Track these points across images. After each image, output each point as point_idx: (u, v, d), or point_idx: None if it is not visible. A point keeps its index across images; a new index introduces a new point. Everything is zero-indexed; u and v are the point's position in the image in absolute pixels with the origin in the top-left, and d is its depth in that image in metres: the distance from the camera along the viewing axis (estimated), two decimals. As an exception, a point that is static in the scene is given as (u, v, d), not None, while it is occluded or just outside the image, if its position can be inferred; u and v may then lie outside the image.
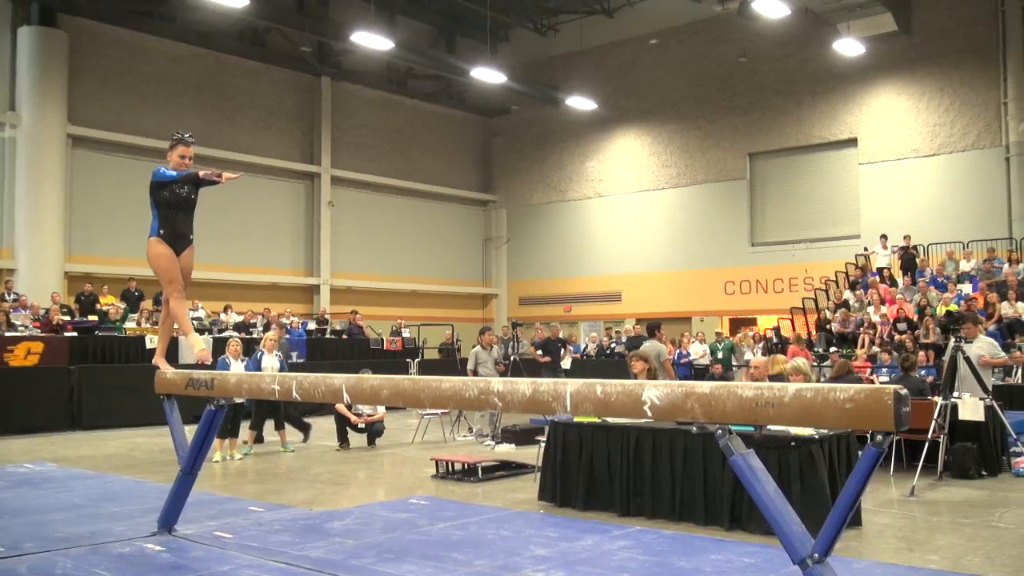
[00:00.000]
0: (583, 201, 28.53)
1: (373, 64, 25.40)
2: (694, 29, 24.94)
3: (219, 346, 13.58)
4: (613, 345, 21.64)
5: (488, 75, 23.78)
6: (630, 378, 8.40)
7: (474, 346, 13.30)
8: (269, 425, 12.12)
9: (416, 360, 20.41)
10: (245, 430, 11.73)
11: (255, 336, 17.64)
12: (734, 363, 19.13)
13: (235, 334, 16.99)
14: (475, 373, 12.53)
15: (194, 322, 19.15)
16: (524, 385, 4.26)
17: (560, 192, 29.09)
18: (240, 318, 20.11)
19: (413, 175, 27.94)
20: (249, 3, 19.34)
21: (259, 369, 10.92)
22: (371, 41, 21.31)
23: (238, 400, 7.88)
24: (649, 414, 3.86)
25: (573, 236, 28.52)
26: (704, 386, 3.79)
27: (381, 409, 12.31)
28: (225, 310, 20.41)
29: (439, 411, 12.59)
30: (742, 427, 5.08)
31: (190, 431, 6.22)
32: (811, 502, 6.38)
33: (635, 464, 7.41)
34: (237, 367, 10.76)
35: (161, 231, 5.95)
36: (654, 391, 3.83)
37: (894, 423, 3.24)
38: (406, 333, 22.28)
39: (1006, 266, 19.12)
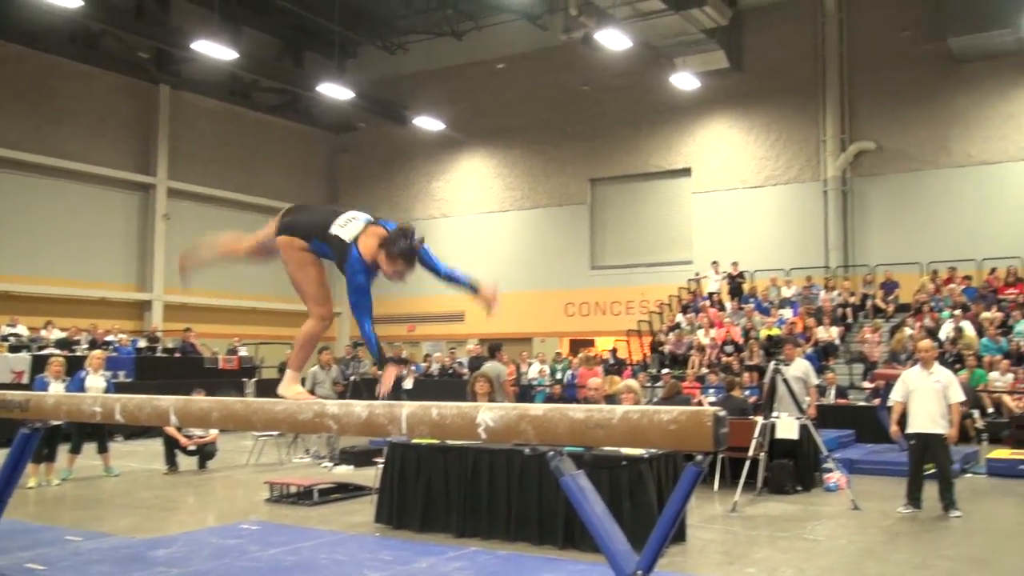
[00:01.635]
0: (428, 221, 28.53)
1: (216, 74, 24.62)
2: (540, 56, 25.48)
3: (39, 364, 12.78)
4: (455, 365, 21.71)
5: (335, 91, 23.50)
6: (468, 398, 8.47)
7: (312, 366, 13.06)
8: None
9: (253, 380, 19.82)
10: (64, 454, 11.07)
11: (79, 354, 16.69)
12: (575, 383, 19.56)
13: (56, 352, 16.03)
14: (312, 394, 12.27)
15: (11, 339, 17.99)
16: (359, 407, 4.23)
17: (406, 211, 29.00)
18: (63, 335, 18.98)
19: (256, 189, 27.19)
20: (83, 4, 18.38)
21: (82, 390, 10.33)
22: (214, 50, 20.65)
23: (55, 422, 7.44)
24: (484, 436, 3.91)
25: (418, 255, 28.46)
26: (537, 408, 3.88)
27: (213, 430, 11.88)
28: (46, 326, 19.23)
29: (275, 432, 12.27)
30: (574, 448, 5.22)
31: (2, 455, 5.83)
32: (641, 520, 6.60)
33: (472, 485, 7.46)
34: (57, 388, 10.15)
35: None
36: (488, 413, 3.88)
37: (713, 443, 3.41)
38: (243, 352, 21.62)
39: (823, 293, 20.45)
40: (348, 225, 4.42)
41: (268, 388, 18.68)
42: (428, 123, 26.45)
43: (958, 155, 20.86)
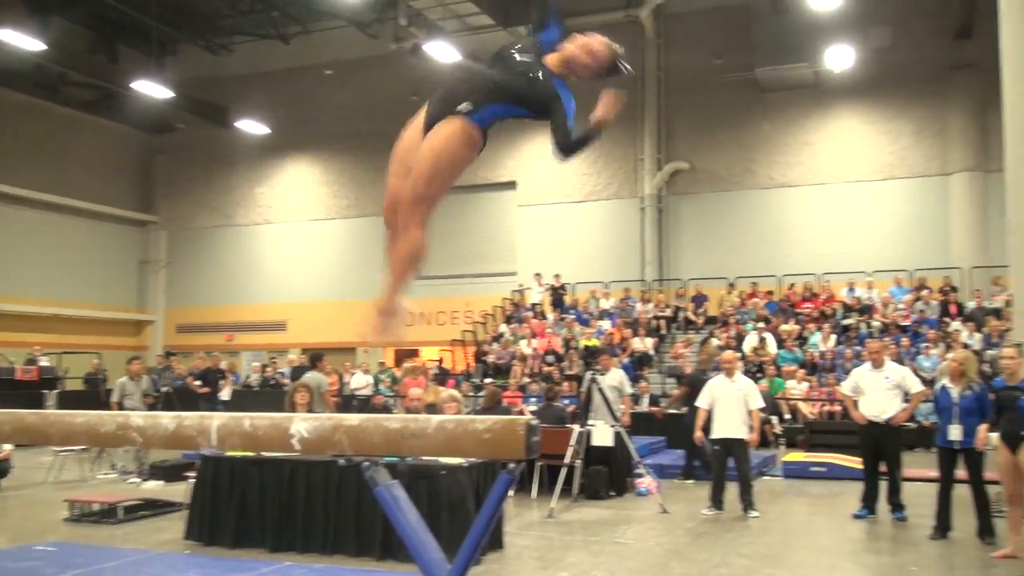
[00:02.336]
0: (251, 227, 27.76)
1: (20, 65, 22.99)
2: (369, 64, 25.30)
3: None
4: (277, 376, 21.17)
5: (152, 89, 22.48)
6: (287, 409, 8.31)
7: (121, 376, 12.43)
8: None
9: (55, 391, 18.62)
10: None
11: None
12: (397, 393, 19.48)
13: None
14: (120, 406, 11.69)
15: None
16: (167, 419, 4.07)
17: (227, 217, 28.10)
18: None
19: (63, 189, 25.58)
20: None
21: None
22: (17, 39, 19.32)
23: None
24: (297, 447, 3.85)
25: (239, 262, 27.60)
26: (352, 419, 3.87)
27: (7, 446, 11.08)
28: None
29: (77, 447, 11.57)
30: (392, 458, 5.23)
31: None
32: (460, 528, 6.64)
33: (288, 498, 7.32)
34: None
35: None
36: (303, 424, 3.83)
37: (525, 452, 3.52)
38: (44, 362, 20.26)
39: (639, 305, 21.31)
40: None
41: (72, 400, 17.62)
42: (252, 127, 25.76)
43: (762, 177, 22.28)
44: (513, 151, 24.73)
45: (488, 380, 18.58)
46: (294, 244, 26.94)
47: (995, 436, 7.09)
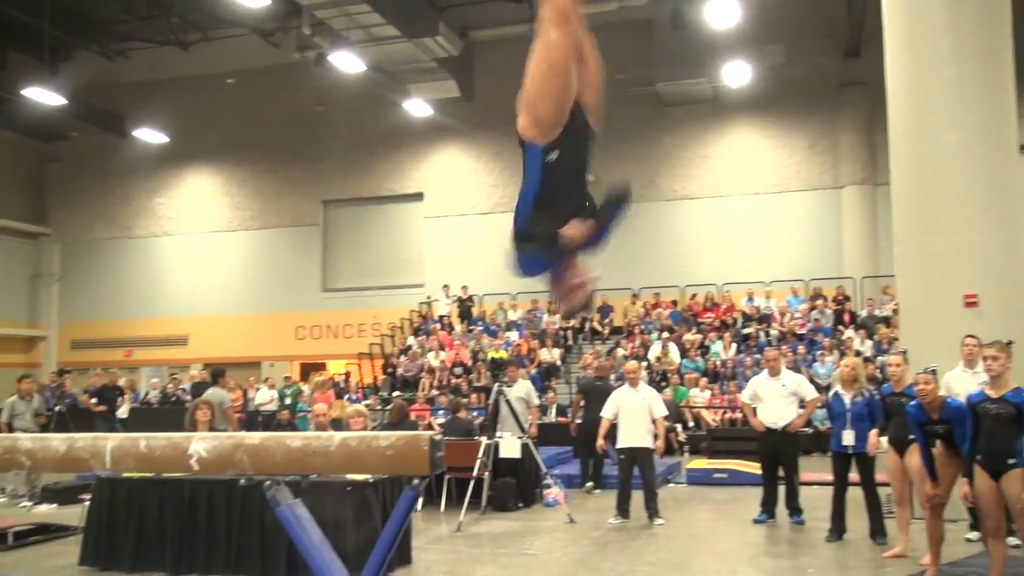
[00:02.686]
0: (150, 239, 26.98)
1: None
2: (272, 73, 24.91)
3: None
4: (178, 392, 20.58)
5: (44, 96, 21.68)
6: (187, 427, 8.10)
7: (11, 396, 11.92)
8: None
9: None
10: None
11: None
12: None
13: None
14: (10, 427, 11.21)
15: None
16: (58, 441, 3.95)
17: (125, 228, 27.24)
18: None
19: (-55, 199, 24.49)
20: None
21: None
22: None
23: None
24: (196, 467, 3.78)
25: (138, 275, 26.76)
26: (254, 437, 3.82)
27: None
28: None
29: (-36, 470, 11.04)
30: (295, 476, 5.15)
31: None
32: (367, 545, 6.58)
33: (189, 518, 7.13)
34: None
35: None
36: (202, 444, 3.77)
37: (429, 467, 3.52)
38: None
39: (546, 316, 21.47)
40: None
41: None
42: (150, 136, 25.08)
43: (664, 190, 22.75)
44: (419, 163, 24.69)
45: (396, 393, 18.45)
46: (195, 256, 26.28)
47: (885, 440, 7.39)
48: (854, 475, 7.87)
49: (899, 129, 9.62)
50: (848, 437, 7.74)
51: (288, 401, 18.96)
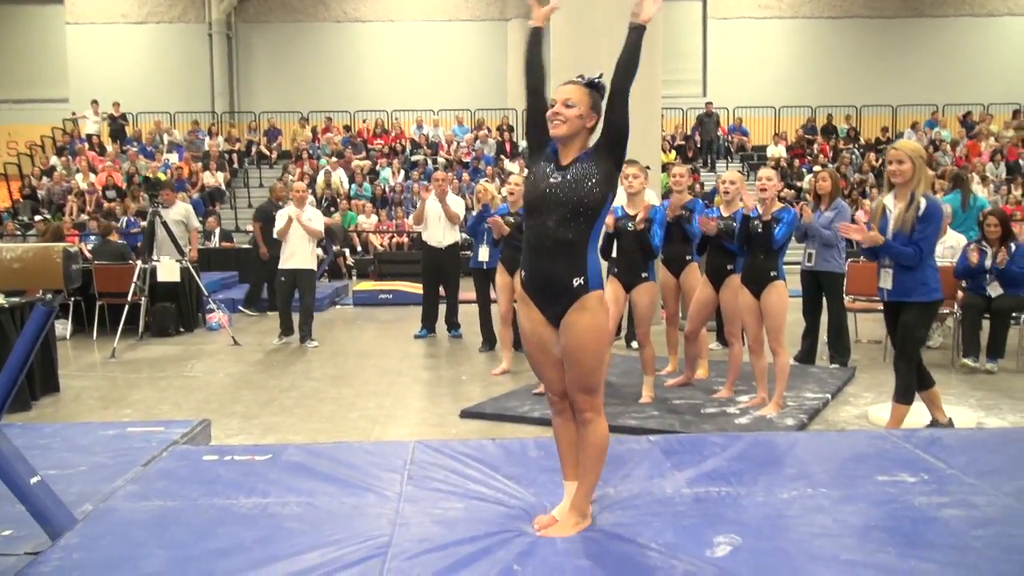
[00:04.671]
0: None
1: None
2: None
3: None
4: None
5: None
6: None
7: None
8: None
9: None
10: None
11: None
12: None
13: None
14: None
15: None
16: None
17: None
18: None
19: None
20: None
21: None
22: None
23: None
24: None
25: None
26: None
27: None
28: None
29: None
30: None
31: None
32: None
33: None
34: None
35: None
36: None
37: (64, 280, 3.30)
38: None
39: (208, 138, 20.37)
40: None
41: None
42: None
43: (335, 11, 22.02)
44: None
45: (39, 218, 16.84)
46: None
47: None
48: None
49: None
50: (483, 253, 8.24)
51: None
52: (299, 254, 9.10)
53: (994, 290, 7.40)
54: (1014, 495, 3.53)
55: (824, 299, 7.48)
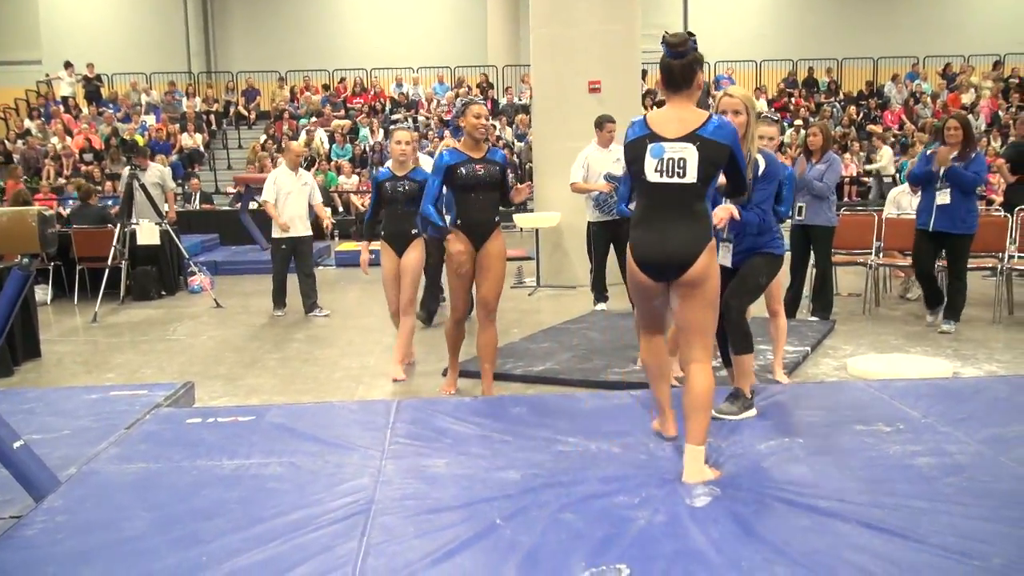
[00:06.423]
0: None
1: None
2: None
3: None
4: None
5: None
6: None
7: None
8: None
9: None
10: None
11: None
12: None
13: None
14: None
15: None
16: None
17: None
18: None
19: None
20: None
21: None
22: None
23: None
24: None
25: None
26: None
27: None
28: None
29: None
30: None
31: None
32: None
33: None
34: None
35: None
36: None
37: (40, 244, 3.28)
38: None
39: (185, 100, 20.12)
40: None
41: None
42: None
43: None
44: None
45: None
46: None
47: None
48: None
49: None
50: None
51: None
52: (298, 222, 8.98)
53: (943, 198, 6.72)
54: (986, 442, 3.60)
55: (812, 253, 7.38)
